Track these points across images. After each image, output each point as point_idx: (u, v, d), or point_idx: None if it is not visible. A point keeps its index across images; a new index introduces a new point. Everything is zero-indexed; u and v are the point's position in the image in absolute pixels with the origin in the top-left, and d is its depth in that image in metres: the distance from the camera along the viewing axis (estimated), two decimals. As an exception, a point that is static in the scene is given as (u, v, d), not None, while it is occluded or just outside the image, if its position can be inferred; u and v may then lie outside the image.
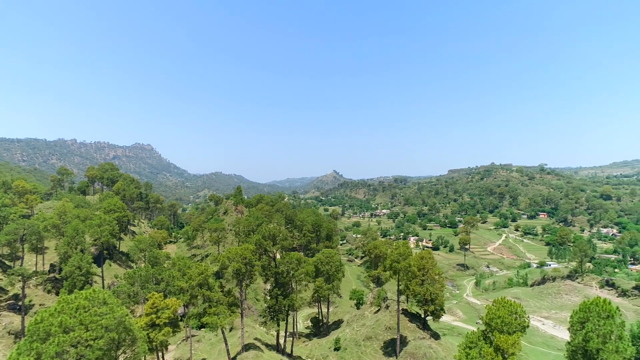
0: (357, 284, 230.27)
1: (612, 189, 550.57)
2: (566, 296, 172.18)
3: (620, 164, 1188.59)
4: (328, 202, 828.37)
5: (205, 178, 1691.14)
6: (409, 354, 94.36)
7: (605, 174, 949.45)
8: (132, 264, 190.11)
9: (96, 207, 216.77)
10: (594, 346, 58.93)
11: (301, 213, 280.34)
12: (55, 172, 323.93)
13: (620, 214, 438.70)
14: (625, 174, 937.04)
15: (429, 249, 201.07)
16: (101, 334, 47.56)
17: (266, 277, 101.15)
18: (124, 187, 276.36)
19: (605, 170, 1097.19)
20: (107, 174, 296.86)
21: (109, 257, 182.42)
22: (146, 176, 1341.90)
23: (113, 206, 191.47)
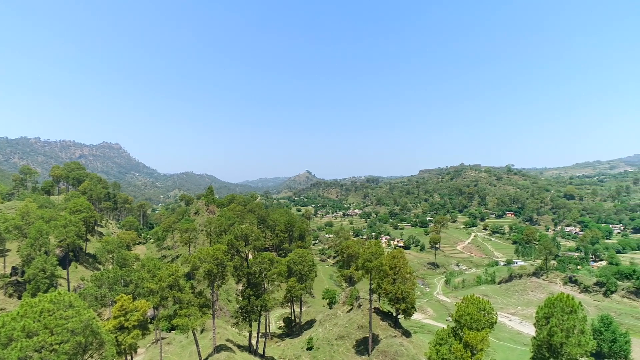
0: (329, 283, 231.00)
1: (575, 189, 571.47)
2: (532, 293, 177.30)
3: (582, 165, 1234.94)
4: (301, 202, 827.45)
5: (175, 178, 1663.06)
6: (381, 352, 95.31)
7: (568, 175, 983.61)
8: (100, 265, 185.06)
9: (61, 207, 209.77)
10: (558, 340, 61.01)
11: (274, 213, 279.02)
12: (18, 172, 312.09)
13: (583, 213, 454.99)
14: (587, 175, 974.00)
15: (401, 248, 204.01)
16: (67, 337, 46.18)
17: (238, 278, 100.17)
18: (90, 187, 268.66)
19: (568, 171, 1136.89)
20: (73, 173, 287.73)
21: (75, 259, 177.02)
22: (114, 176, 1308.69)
23: (79, 206, 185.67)
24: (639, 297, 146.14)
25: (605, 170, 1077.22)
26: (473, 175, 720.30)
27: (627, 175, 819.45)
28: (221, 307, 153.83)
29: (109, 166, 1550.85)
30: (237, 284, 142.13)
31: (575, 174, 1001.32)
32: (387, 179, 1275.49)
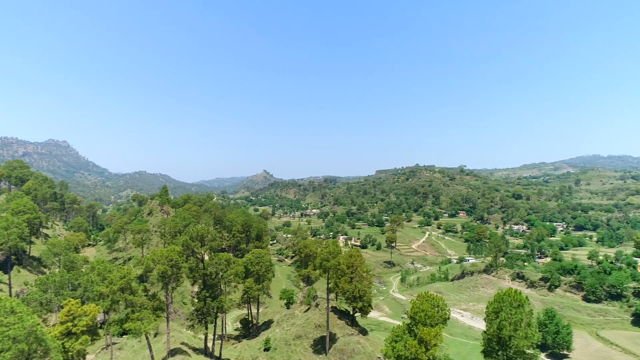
0: (287, 283, 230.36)
1: (522, 189, 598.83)
2: (482, 289, 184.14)
3: (529, 166, 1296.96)
4: (258, 202, 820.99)
5: (127, 177, 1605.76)
6: (338, 350, 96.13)
7: (516, 175, 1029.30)
8: (45, 269, 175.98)
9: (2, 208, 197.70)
10: (507, 334, 63.75)
11: (231, 213, 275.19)
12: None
13: (529, 212, 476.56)
14: (534, 175, 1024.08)
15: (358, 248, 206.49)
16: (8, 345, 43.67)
17: (194, 279, 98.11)
18: (35, 187, 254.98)
19: (516, 171, 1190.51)
20: (16, 172, 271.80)
21: (17, 262, 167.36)
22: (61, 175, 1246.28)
23: (22, 207, 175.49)
24: (580, 291, 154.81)
25: (550, 171, 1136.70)
26: (428, 176, 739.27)
27: (569, 176, 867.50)
28: (176, 310, 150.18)
29: (55, 165, 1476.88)
30: (192, 286, 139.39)
31: (522, 175, 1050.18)
32: (345, 179, 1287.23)
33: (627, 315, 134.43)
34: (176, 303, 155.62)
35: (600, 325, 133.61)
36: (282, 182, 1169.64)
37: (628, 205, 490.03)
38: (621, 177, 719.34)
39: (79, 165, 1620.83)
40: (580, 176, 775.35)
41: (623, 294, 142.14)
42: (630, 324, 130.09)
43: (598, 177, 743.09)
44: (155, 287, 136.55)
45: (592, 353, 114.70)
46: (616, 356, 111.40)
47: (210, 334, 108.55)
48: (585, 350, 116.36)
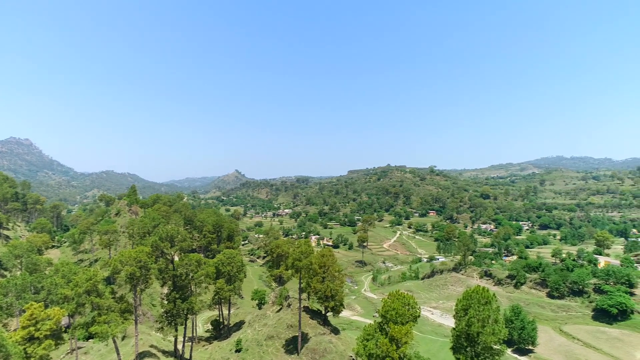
0: (259, 284, 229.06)
1: (490, 189, 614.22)
2: (452, 287, 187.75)
3: (496, 166, 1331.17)
4: (230, 202, 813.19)
5: (94, 177, 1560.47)
6: (310, 349, 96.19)
7: (484, 176, 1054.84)
8: (6, 272, 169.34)
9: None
10: (475, 330, 65.21)
11: (201, 213, 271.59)
12: None
13: (497, 211, 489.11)
14: (501, 176, 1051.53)
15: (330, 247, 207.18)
16: (-34, 352, 41.80)
17: (163, 281, 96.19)
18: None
19: (484, 172, 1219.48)
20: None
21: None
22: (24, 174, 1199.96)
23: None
24: (544, 288, 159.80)
25: (517, 171, 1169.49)
26: (399, 176, 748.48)
27: (534, 176, 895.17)
28: (145, 312, 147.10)
29: (17, 164, 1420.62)
30: (162, 287, 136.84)
31: (490, 175, 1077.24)
32: (317, 179, 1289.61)
33: (588, 310, 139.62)
34: (145, 305, 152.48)
35: (563, 320, 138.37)
36: (254, 182, 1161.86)
37: (589, 205, 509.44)
38: (583, 177, 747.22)
39: (43, 164, 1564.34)
40: (544, 177, 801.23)
41: (584, 290, 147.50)
42: (590, 319, 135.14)
43: (561, 177, 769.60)
44: (123, 289, 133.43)
45: (556, 347, 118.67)
46: (578, 350, 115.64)
47: (180, 336, 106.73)
48: (549, 345, 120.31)
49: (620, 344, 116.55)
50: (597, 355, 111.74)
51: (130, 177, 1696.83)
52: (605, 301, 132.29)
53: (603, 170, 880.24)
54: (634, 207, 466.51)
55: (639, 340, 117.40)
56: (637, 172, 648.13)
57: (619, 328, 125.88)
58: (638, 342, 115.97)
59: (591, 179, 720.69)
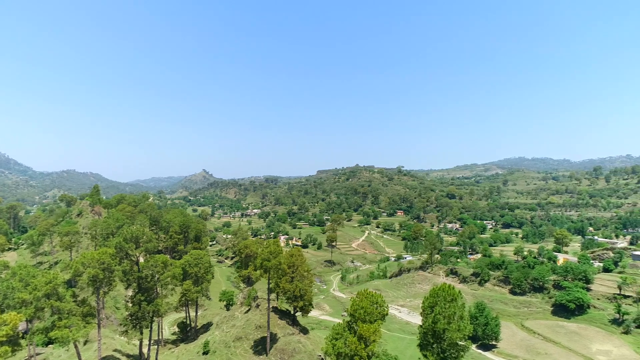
0: (227, 285, 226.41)
1: (455, 189, 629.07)
2: (419, 285, 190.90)
3: (462, 167, 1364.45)
4: (197, 202, 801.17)
5: (55, 176, 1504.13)
6: (279, 350, 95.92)
7: (451, 176, 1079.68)
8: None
9: None
10: (441, 327, 66.59)
11: (168, 214, 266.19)
12: None
13: (462, 210, 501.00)
14: (466, 176, 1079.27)
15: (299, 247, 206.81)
16: None
17: (128, 283, 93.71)
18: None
19: (450, 172, 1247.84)
20: None
21: None
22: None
23: None
24: (507, 285, 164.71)
25: (481, 172, 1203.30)
26: (367, 176, 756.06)
27: (498, 177, 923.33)
28: (108, 316, 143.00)
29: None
30: (126, 290, 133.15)
31: (456, 176, 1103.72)
32: (286, 179, 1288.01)
33: (547, 305, 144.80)
34: (108, 308, 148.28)
35: (525, 316, 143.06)
36: (222, 181, 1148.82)
37: (549, 204, 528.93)
38: (543, 178, 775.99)
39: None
40: (507, 177, 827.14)
41: (545, 286, 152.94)
42: (550, 314, 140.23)
43: (523, 178, 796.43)
44: (85, 292, 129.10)
45: (518, 342, 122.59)
46: (538, 344, 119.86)
47: (146, 339, 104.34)
48: (512, 340, 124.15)
49: (577, 337, 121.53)
50: (556, 348, 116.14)
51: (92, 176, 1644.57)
52: (564, 297, 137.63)
53: (562, 171, 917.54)
54: (590, 207, 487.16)
55: (594, 333, 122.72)
56: (593, 173, 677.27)
57: (577, 322, 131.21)
58: (594, 336, 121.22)
59: (551, 179, 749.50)
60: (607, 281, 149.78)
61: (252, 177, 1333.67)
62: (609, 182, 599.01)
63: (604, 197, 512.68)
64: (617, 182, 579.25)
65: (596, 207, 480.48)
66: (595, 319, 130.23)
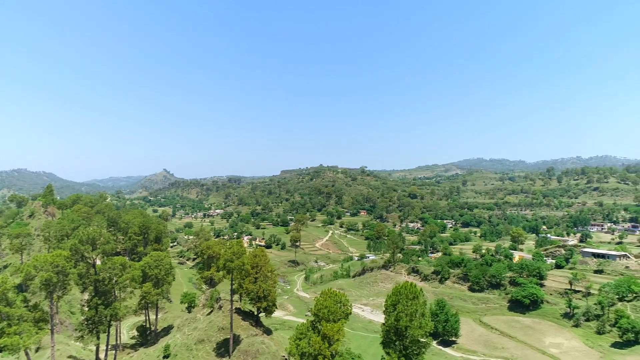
0: (189, 286, 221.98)
1: (417, 189, 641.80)
2: (382, 284, 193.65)
3: (423, 167, 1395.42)
4: (158, 202, 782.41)
5: (4, 176, 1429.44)
6: (242, 351, 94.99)
7: (412, 176, 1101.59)
8: None
9: None
10: (403, 324, 67.75)
11: (127, 214, 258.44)
12: None
13: (423, 210, 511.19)
14: (427, 177, 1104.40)
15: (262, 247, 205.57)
16: None
17: (84, 286, 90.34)
18: None
19: (412, 172, 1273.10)
20: None
21: None
22: None
23: None
24: (466, 282, 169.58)
25: (442, 172, 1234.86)
26: (331, 176, 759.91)
27: (457, 177, 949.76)
28: (62, 321, 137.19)
29: None
30: (82, 294, 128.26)
31: (417, 176, 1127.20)
32: (250, 178, 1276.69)
33: (504, 301, 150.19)
34: (63, 313, 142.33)
35: (483, 312, 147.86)
36: (183, 181, 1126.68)
37: (506, 204, 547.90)
38: (500, 178, 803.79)
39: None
40: (466, 177, 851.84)
41: (501, 283, 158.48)
42: (507, 310, 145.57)
43: (481, 178, 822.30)
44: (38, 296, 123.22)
45: (476, 338, 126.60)
46: (495, 339, 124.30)
47: (103, 345, 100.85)
48: (470, 336, 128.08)
49: (532, 331, 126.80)
50: (512, 343, 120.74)
51: (46, 176, 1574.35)
52: (519, 293, 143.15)
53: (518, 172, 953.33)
54: (544, 206, 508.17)
55: (547, 327, 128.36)
56: (546, 174, 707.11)
57: (531, 317, 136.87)
58: (547, 329, 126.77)
59: (507, 179, 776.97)
60: (559, 277, 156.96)
61: (214, 177, 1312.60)
62: (561, 182, 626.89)
63: (556, 196, 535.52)
64: (568, 183, 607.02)
65: (549, 207, 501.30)
66: (548, 313, 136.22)
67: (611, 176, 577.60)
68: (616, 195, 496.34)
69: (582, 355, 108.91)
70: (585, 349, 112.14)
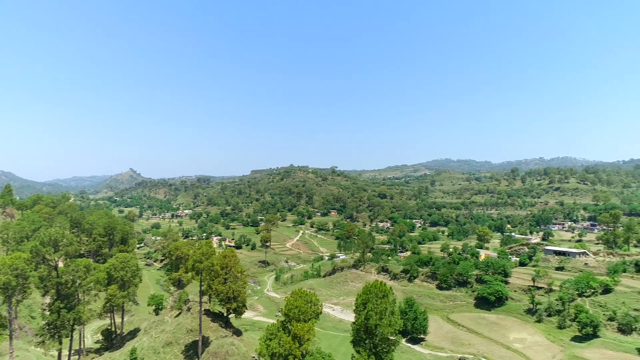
0: (156, 288, 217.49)
1: (386, 189, 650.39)
2: (352, 283, 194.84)
3: (393, 168, 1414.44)
4: (124, 202, 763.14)
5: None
6: (212, 353, 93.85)
7: (382, 176, 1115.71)
8: None
9: None
10: (373, 322, 68.39)
11: (91, 215, 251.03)
12: None
13: (393, 210, 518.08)
14: (396, 177, 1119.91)
15: (232, 248, 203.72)
16: None
17: (45, 290, 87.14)
18: None
19: (382, 173, 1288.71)
20: None
21: None
22: None
23: None
24: (434, 280, 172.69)
25: (411, 172, 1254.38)
26: (302, 176, 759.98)
27: (426, 177, 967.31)
28: (22, 326, 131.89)
29: None
30: (43, 297, 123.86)
31: (387, 176, 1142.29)
32: (220, 178, 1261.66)
33: (471, 299, 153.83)
34: (22, 318, 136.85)
35: (451, 309, 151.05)
36: (151, 181, 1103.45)
37: (472, 204, 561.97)
38: (467, 178, 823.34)
39: None
40: (435, 178, 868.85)
41: (468, 280, 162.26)
42: (473, 307, 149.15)
43: (449, 178, 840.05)
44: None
45: (444, 335, 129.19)
46: (462, 335, 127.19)
47: (65, 350, 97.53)
48: (438, 333, 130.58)
49: (497, 327, 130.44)
50: (478, 339, 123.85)
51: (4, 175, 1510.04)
52: (485, 290, 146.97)
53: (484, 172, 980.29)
54: (508, 205, 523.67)
55: (512, 323, 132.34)
56: (510, 174, 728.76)
57: (496, 313, 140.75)
58: (511, 325, 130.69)
59: (474, 180, 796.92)
60: (522, 274, 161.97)
61: (183, 177, 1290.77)
62: (525, 182, 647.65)
63: (520, 196, 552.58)
64: (532, 183, 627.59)
65: (513, 206, 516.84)
66: (513, 309, 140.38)
67: (571, 177, 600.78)
68: (576, 195, 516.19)
69: (544, 349, 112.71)
70: (547, 344, 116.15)
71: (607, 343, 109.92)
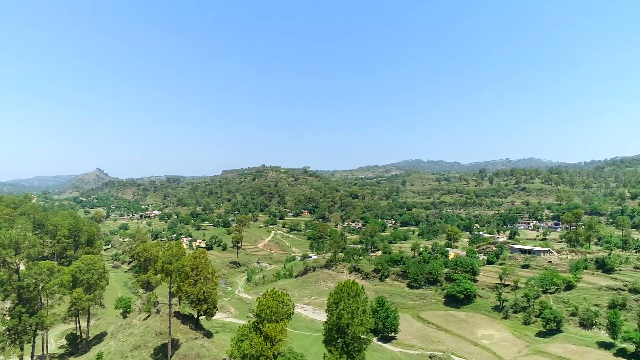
0: (124, 291, 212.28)
1: (358, 190, 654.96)
2: (324, 283, 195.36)
3: (364, 168, 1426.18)
4: (90, 203, 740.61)
5: None
6: (182, 356, 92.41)
7: (354, 177, 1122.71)
8: None
9: None
10: (345, 322, 68.80)
11: (55, 216, 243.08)
12: None
13: (365, 210, 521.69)
14: (368, 177, 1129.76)
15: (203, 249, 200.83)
16: None
17: (5, 294, 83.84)
18: None
19: (354, 173, 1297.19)
20: None
21: None
22: None
23: None
24: (405, 279, 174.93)
25: (382, 173, 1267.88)
26: (274, 176, 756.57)
27: (397, 177, 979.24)
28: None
29: None
30: (3, 302, 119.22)
31: (359, 176, 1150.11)
32: (190, 178, 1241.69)
33: (440, 297, 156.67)
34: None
35: (421, 307, 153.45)
36: (118, 181, 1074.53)
37: (442, 204, 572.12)
38: (437, 179, 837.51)
39: None
40: (405, 178, 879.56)
41: (438, 279, 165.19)
42: (443, 305, 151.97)
43: (419, 179, 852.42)
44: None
45: (414, 333, 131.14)
46: (432, 333, 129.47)
47: (27, 356, 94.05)
48: (409, 331, 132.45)
49: (465, 324, 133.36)
50: (448, 336, 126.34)
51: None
52: (454, 288, 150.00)
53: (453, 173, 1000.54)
54: (477, 205, 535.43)
55: (480, 320, 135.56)
56: (479, 175, 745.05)
57: (465, 311, 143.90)
58: (479, 322, 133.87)
59: (443, 180, 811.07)
60: (490, 272, 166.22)
61: (152, 177, 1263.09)
62: (492, 183, 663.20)
63: (487, 196, 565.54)
64: (499, 183, 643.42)
65: (481, 206, 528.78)
66: (481, 307, 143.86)
67: (536, 177, 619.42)
68: (541, 195, 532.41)
69: (510, 345, 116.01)
70: (513, 339, 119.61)
71: (570, 338, 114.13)
